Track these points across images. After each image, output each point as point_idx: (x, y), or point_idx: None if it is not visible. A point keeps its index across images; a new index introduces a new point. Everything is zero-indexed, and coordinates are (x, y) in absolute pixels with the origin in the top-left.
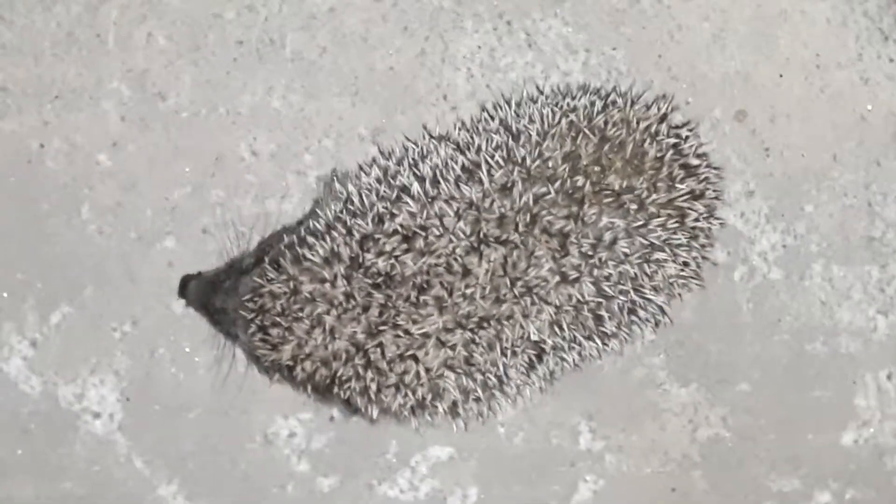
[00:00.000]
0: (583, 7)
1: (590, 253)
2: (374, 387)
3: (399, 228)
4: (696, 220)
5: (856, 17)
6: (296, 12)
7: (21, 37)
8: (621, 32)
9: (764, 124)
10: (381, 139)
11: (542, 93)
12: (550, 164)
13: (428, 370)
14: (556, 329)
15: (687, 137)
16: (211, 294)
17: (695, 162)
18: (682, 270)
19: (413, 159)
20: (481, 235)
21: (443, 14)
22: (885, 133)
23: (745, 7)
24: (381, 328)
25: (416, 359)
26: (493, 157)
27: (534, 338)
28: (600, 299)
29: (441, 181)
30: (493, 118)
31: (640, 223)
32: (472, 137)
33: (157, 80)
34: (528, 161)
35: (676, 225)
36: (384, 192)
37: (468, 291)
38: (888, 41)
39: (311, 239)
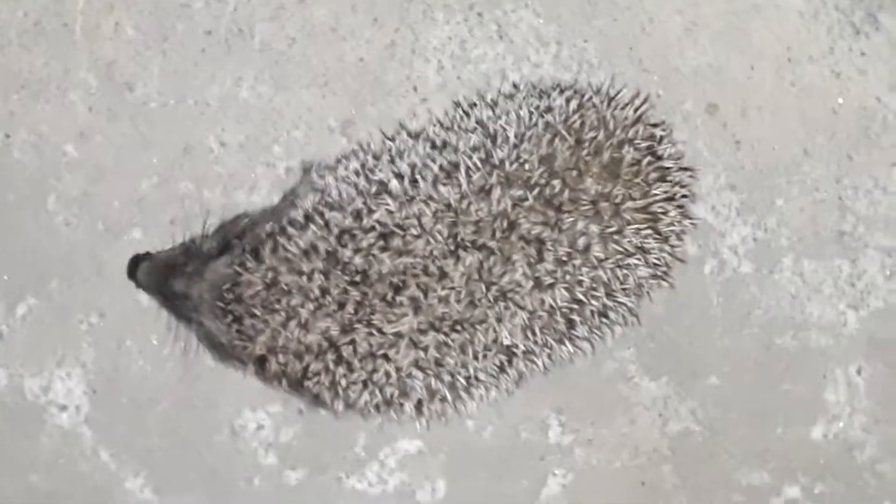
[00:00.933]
0: None
1: (564, 259)
2: (343, 382)
3: (376, 225)
4: (670, 223)
5: (827, 10)
6: (265, 3)
7: None
8: (593, 24)
9: (735, 118)
10: (351, 131)
11: (517, 88)
12: (527, 166)
13: (398, 369)
14: (529, 334)
15: (661, 138)
16: (168, 277)
17: (669, 165)
18: (653, 272)
19: (391, 155)
20: (458, 239)
21: (413, 5)
22: (857, 127)
23: (717, 0)
24: (355, 325)
25: (387, 357)
26: (471, 157)
27: (506, 342)
28: (573, 305)
29: (419, 180)
30: (468, 115)
31: (615, 229)
32: (448, 135)
33: (125, 70)
34: (507, 164)
35: (650, 231)
36: (363, 185)
37: (443, 294)
38: (860, 35)
39: (290, 229)
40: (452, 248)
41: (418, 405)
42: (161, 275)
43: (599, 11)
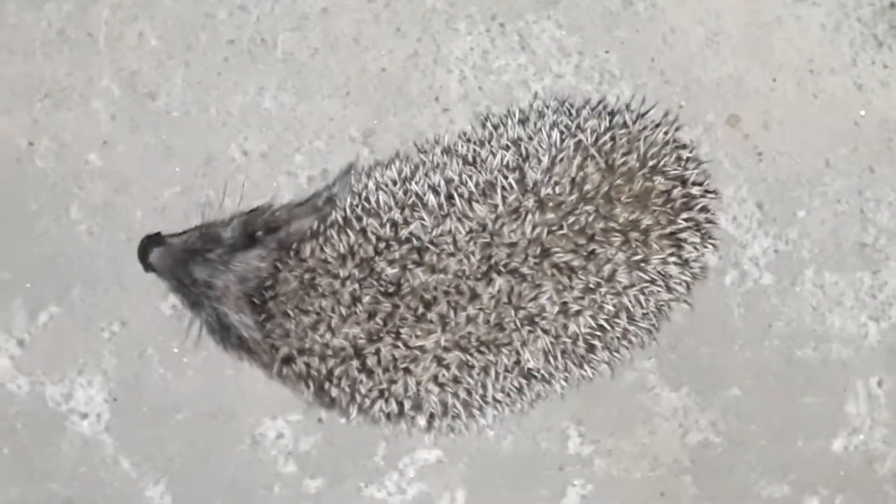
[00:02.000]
0: (576, 10)
1: (592, 287)
2: (362, 389)
3: (412, 239)
4: (694, 249)
5: (850, 22)
6: (288, 13)
7: (11, 35)
8: (614, 35)
9: (757, 129)
10: (373, 141)
11: (547, 106)
12: (558, 189)
13: (417, 383)
14: (550, 358)
15: (688, 160)
16: (187, 262)
17: (696, 192)
18: (674, 296)
19: (426, 169)
20: (491, 262)
21: (435, 15)
22: (879, 139)
23: (739, 11)
24: (383, 336)
25: (408, 370)
26: (507, 178)
27: (528, 366)
28: (596, 331)
29: (455, 196)
30: (498, 131)
31: (641, 257)
32: (481, 152)
33: (148, 79)
34: (541, 188)
35: (674, 259)
36: (399, 196)
37: (472, 314)
38: (882, 47)
39: (330, 232)
40: (485, 269)
41: (430, 419)
42: (178, 259)
43: (621, 22)
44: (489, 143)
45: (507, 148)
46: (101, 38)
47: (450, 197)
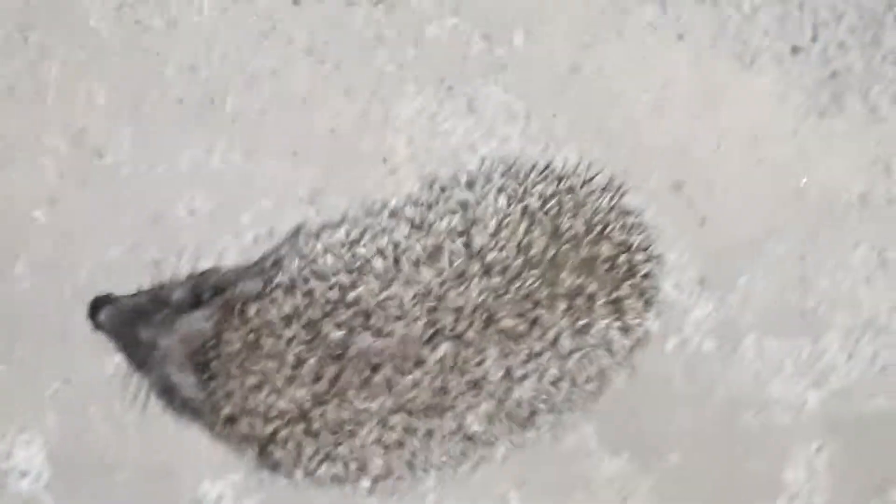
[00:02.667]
0: (524, 74)
1: (538, 352)
2: (308, 451)
3: (360, 302)
4: (636, 316)
5: (795, 91)
6: (237, 72)
7: None
8: (561, 100)
9: (700, 195)
10: (321, 200)
11: (495, 171)
12: (505, 252)
13: (362, 445)
14: (495, 422)
15: (633, 226)
16: (135, 323)
17: (640, 257)
18: (616, 360)
19: (373, 233)
20: (437, 326)
21: (385, 77)
22: (821, 206)
23: (686, 79)
24: (328, 398)
25: (353, 433)
26: (453, 242)
27: (473, 429)
28: (541, 395)
29: (402, 260)
30: (444, 191)
31: (585, 322)
32: (428, 215)
33: (96, 136)
34: (487, 252)
35: (618, 325)
36: (347, 259)
37: (417, 378)
38: (824, 117)
39: (276, 293)
40: (431, 334)
41: (374, 481)
42: (126, 320)
43: (568, 87)
44: (436, 205)
45: (454, 212)
46: (49, 95)
47: (397, 261)
